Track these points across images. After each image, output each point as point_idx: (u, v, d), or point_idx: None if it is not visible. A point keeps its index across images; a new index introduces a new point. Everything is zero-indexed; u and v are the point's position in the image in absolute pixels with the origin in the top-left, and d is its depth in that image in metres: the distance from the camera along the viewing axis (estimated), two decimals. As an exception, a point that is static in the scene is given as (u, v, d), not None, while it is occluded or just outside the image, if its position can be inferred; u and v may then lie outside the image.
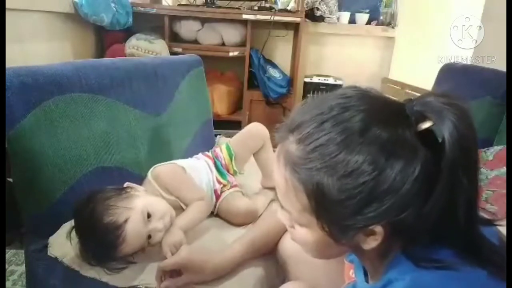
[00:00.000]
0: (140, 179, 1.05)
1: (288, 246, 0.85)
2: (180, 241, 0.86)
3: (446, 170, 0.43)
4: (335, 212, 0.46)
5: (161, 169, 1.05)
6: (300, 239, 0.53)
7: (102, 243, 0.79)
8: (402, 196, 0.43)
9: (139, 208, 0.83)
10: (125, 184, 0.93)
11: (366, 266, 0.58)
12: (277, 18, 2.39)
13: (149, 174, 1.04)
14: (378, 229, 0.45)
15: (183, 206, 1.00)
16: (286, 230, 0.83)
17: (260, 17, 2.38)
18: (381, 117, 0.45)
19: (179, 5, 2.47)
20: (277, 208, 0.55)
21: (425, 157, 0.44)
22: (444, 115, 0.44)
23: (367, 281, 0.59)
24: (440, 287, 0.44)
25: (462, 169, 0.43)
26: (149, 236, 0.85)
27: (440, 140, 0.44)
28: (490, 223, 0.51)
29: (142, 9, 2.30)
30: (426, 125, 0.45)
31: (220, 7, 2.47)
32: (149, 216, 0.85)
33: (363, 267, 0.60)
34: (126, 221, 0.80)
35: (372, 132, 0.44)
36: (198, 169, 1.12)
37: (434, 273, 0.44)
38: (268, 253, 0.90)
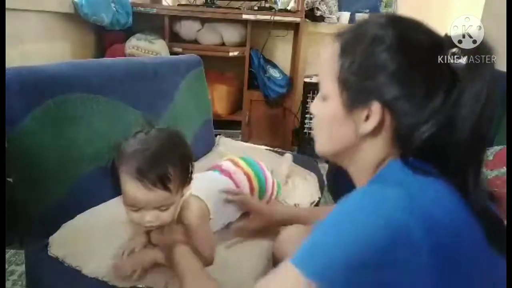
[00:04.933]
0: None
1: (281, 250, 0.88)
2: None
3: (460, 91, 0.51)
4: (353, 75, 0.56)
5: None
6: (321, 114, 0.63)
7: None
8: (398, 81, 0.53)
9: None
10: None
11: (359, 181, 0.62)
12: (277, 18, 2.39)
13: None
14: (376, 107, 0.54)
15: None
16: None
17: (260, 17, 2.38)
18: (413, 28, 0.56)
19: (179, 5, 2.47)
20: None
21: (441, 69, 0.53)
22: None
23: None
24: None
25: (473, 98, 0.51)
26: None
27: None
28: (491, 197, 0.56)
29: (142, 9, 2.30)
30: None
31: (220, 7, 2.47)
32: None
33: None
34: None
35: (392, 32, 0.55)
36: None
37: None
38: None
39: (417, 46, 0.55)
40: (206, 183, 0.96)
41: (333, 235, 0.48)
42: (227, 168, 1.07)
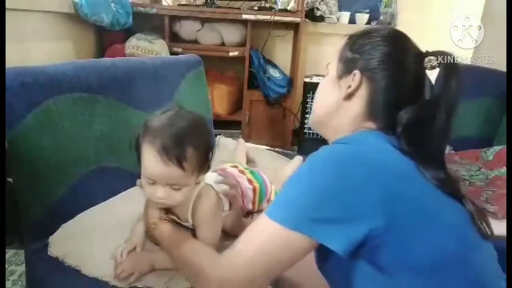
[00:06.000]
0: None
1: None
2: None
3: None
4: (349, 51, 0.72)
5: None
6: (319, 87, 0.79)
7: None
8: (381, 59, 0.69)
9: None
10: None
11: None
12: (277, 18, 2.39)
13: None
14: (357, 74, 0.69)
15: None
16: None
17: (260, 17, 2.38)
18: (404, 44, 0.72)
19: (179, 5, 2.47)
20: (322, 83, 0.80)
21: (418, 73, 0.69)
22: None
23: None
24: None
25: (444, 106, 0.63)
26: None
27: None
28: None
29: (142, 9, 2.30)
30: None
31: (220, 7, 2.47)
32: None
33: None
34: None
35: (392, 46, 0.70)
36: None
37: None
38: None
39: (404, 45, 0.71)
40: (213, 177, 0.96)
41: (297, 187, 0.60)
42: (231, 171, 1.09)
